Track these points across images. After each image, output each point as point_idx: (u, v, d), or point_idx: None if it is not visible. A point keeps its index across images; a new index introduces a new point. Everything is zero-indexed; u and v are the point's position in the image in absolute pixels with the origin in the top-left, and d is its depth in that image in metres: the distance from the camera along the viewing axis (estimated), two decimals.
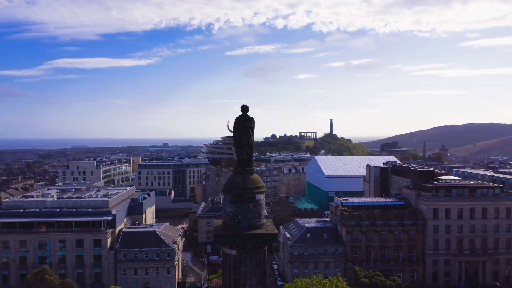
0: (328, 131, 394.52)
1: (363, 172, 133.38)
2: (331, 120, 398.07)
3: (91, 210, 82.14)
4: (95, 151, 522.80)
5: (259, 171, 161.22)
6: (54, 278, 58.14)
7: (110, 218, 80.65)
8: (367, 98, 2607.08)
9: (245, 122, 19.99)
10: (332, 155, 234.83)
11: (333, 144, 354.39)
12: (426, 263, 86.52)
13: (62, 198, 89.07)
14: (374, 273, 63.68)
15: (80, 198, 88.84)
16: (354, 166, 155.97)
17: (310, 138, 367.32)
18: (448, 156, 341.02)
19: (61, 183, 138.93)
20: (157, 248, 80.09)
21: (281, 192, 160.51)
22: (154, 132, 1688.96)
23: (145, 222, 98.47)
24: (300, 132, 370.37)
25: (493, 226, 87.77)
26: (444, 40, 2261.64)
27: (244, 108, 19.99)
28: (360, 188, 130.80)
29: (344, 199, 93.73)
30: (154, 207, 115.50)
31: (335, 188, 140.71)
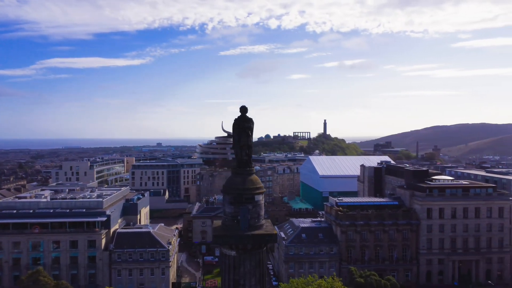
0: (322, 131, 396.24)
1: (357, 172, 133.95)
2: (325, 120, 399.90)
3: (85, 211, 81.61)
4: (88, 151, 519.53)
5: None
6: (49, 280, 57.71)
7: (104, 219, 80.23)
8: (360, 98, 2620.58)
9: (244, 123, 20.03)
10: (326, 155, 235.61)
11: (327, 144, 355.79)
12: (420, 262, 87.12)
13: (56, 199, 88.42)
14: (369, 272, 64.02)
15: (74, 198, 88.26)
16: (348, 166, 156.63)
17: (304, 138, 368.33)
18: (441, 156, 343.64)
19: (54, 184, 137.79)
20: (152, 248, 79.82)
21: (275, 192, 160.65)
22: (147, 132, 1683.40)
23: (139, 222, 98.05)
24: (294, 132, 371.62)
25: (486, 225, 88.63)
26: (437, 40, 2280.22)
27: (243, 109, 20.03)
28: (354, 188, 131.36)
29: (339, 199, 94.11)
30: (148, 208, 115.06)
31: (330, 188, 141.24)
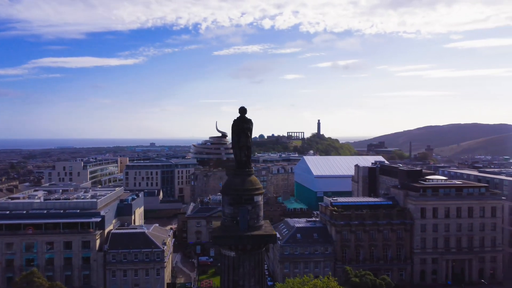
0: (315, 131, 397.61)
1: (351, 172, 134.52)
2: (319, 120, 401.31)
3: (79, 212, 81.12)
4: (80, 151, 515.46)
5: None
6: (43, 281, 57.29)
7: (99, 220, 79.78)
8: (354, 98, 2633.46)
9: (243, 124, 20.07)
10: (320, 155, 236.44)
11: (320, 144, 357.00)
12: (414, 261, 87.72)
13: (50, 200, 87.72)
14: (364, 272, 64.35)
15: (68, 199, 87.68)
16: (342, 166, 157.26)
17: (297, 138, 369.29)
18: (434, 156, 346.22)
19: (47, 184, 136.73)
20: (146, 249, 79.52)
21: (270, 192, 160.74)
22: (140, 132, 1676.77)
23: (134, 223, 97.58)
24: (287, 132, 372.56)
25: (478, 224, 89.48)
26: (429, 41, 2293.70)
27: (242, 110, 20.08)
28: (349, 188, 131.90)
29: (334, 199, 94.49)
30: (143, 208, 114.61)
31: (324, 188, 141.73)
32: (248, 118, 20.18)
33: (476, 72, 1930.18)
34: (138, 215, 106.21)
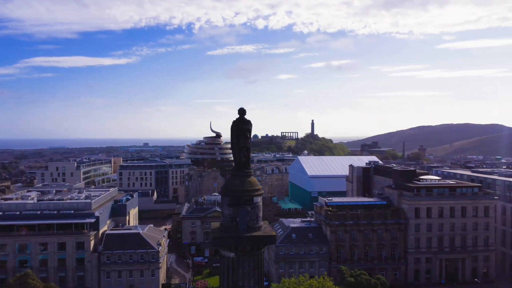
0: (309, 131, 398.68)
1: (346, 172, 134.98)
2: (312, 120, 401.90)
3: (74, 212, 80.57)
4: (73, 151, 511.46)
5: None
6: (38, 283, 56.83)
7: (93, 220, 79.33)
8: (347, 98, 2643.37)
9: (242, 125, 20.12)
10: (314, 155, 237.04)
11: (314, 144, 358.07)
12: (408, 261, 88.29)
13: (43, 200, 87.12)
14: (359, 272, 64.63)
15: (62, 200, 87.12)
16: (337, 166, 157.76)
17: (291, 138, 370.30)
18: (426, 156, 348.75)
19: (40, 185, 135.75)
20: (141, 250, 79.20)
21: (264, 192, 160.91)
22: (133, 132, 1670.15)
23: (128, 224, 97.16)
24: (281, 132, 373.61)
25: (472, 224, 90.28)
26: (422, 42, 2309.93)
27: (242, 111, 20.11)
28: (343, 188, 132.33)
29: (328, 199, 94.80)
30: (137, 209, 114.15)
31: (318, 188, 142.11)
32: (247, 119, 20.26)
33: (468, 72, 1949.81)
34: (133, 215, 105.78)
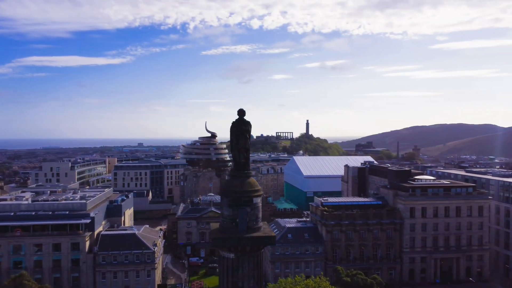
0: (304, 131, 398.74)
1: (341, 172, 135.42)
2: (307, 120, 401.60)
3: (69, 213, 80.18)
4: (67, 151, 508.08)
5: None
6: (33, 284, 56.42)
7: (88, 221, 78.98)
8: (342, 98, 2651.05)
9: (242, 126, 20.10)
10: (309, 155, 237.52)
11: (309, 144, 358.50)
12: (403, 260, 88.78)
13: (38, 201, 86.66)
14: (355, 272, 64.88)
15: (57, 200, 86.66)
16: (332, 166, 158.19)
17: (286, 138, 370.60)
18: (421, 156, 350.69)
19: (34, 185, 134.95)
20: (137, 250, 78.92)
21: None
22: (127, 132, 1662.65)
23: (124, 224, 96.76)
24: (276, 132, 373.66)
25: (466, 224, 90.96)
26: (415, 42, 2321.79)
27: (241, 112, 20.11)
28: (338, 188, 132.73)
29: (324, 199, 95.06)
30: (132, 209, 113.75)
31: (314, 188, 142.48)
32: (247, 120, 20.26)
33: (461, 73, 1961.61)
34: (128, 216, 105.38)
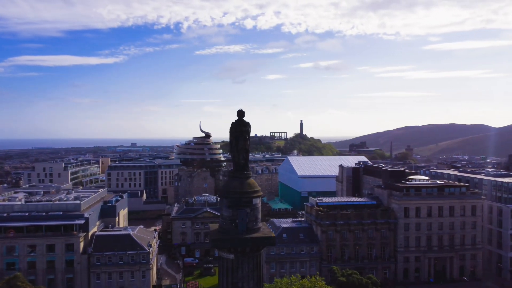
0: (298, 131, 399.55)
1: (335, 172, 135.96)
2: (301, 120, 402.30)
3: (63, 214, 79.59)
4: (59, 151, 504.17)
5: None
6: (27, 286, 55.95)
7: (82, 222, 78.47)
8: (335, 98, 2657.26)
9: (241, 127, 20.13)
10: (303, 155, 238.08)
11: (303, 144, 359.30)
12: (397, 260, 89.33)
13: (31, 202, 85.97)
14: (351, 271, 65.20)
15: (50, 201, 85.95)
16: (326, 167, 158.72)
17: (280, 138, 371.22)
18: (413, 156, 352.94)
19: (26, 186, 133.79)
20: (132, 251, 78.60)
21: None
22: (120, 132, 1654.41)
23: (118, 225, 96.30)
24: (270, 133, 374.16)
25: (459, 223, 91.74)
26: (408, 43, 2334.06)
27: (241, 113, 20.15)
28: (333, 188, 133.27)
29: (319, 199, 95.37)
30: (127, 210, 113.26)
31: (308, 188, 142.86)
32: (246, 121, 20.29)
33: (453, 73, 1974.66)
34: (122, 216, 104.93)
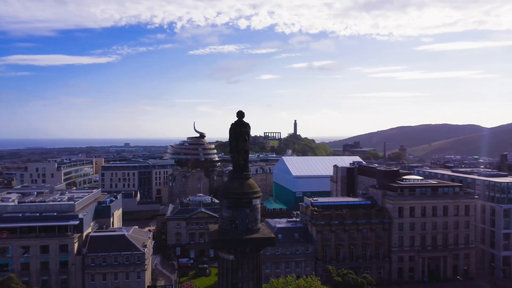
0: (292, 131, 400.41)
1: (330, 172, 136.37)
2: (295, 120, 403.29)
3: (56, 215, 79.01)
4: (51, 151, 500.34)
5: (226, 171, 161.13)
6: (21, 287, 55.52)
7: (77, 223, 77.98)
8: (329, 99, 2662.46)
9: (241, 128, 20.14)
10: (297, 155, 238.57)
11: (297, 144, 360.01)
12: (392, 259, 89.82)
13: (24, 202, 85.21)
14: (346, 271, 65.47)
15: (44, 202, 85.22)
16: (321, 167, 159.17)
17: (274, 139, 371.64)
18: (407, 156, 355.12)
19: (19, 186, 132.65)
20: (126, 252, 78.23)
21: None
22: (113, 131, 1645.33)
23: (112, 225, 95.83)
24: (264, 133, 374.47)
25: (453, 223, 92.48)
26: (401, 43, 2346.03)
27: (240, 114, 20.15)
28: (327, 188, 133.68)
29: (314, 199, 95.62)
30: (121, 210, 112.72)
31: (303, 188, 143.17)
32: (246, 122, 20.31)
33: (446, 74, 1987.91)
34: (117, 217, 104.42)
